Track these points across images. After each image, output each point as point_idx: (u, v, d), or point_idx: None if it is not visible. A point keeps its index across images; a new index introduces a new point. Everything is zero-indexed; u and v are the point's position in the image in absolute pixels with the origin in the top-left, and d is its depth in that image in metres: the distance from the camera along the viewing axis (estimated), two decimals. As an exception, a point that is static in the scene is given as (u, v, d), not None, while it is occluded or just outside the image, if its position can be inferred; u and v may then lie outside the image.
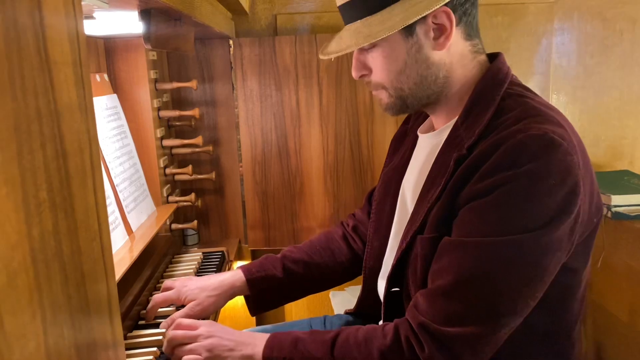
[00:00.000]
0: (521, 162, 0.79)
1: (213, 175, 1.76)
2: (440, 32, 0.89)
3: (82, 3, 0.80)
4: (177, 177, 1.72)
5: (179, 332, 0.97)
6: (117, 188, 1.30)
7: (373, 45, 0.92)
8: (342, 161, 1.81)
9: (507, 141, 0.81)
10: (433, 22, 0.89)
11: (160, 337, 1.06)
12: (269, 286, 1.17)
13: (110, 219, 1.21)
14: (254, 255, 1.97)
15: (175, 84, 1.64)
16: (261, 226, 1.86)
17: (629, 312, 1.85)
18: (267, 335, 0.93)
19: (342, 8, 0.94)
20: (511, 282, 0.79)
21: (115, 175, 1.32)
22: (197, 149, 1.68)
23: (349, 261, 1.24)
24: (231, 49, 1.80)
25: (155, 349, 1.03)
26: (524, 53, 1.95)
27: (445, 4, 0.87)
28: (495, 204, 0.80)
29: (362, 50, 0.95)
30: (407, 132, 1.15)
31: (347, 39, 0.92)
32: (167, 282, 1.20)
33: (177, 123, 1.73)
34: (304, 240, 1.85)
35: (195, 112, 1.66)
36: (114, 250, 1.21)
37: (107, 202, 1.25)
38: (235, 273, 1.18)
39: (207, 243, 1.86)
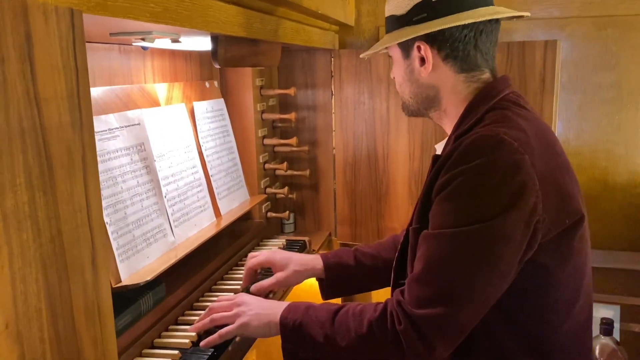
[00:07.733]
0: (470, 158, 0.89)
1: (307, 172, 1.97)
2: (422, 62, 1.06)
3: (159, 37, 1.03)
4: (277, 172, 1.96)
5: (217, 303, 1.15)
6: (211, 178, 1.57)
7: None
8: (427, 168, 1.88)
9: (465, 141, 0.92)
10: (418, 52, 1.06)
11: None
12: (342, 273, 1.34)
13: (200, 202, 1.48)
14: (343, 248, 2.13)
15: (277, 91, 1.87)
16: (349, 222, 2.02)
17: None
18: (287, 303, 1.10)
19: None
20: (465, 268, 0.90)
21: (212, 167, 1.58)
22: (293, 148, 1.91)
23: None
24: (332, 59, 1.98)
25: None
26: (636, 67, 1.83)
27: (428, 42, 1.03)
28: (450, 197, 0.92)
29: None
30: None
31: (377, 45, 1.16)
32: (252, 254, 1.39)
33: (280, 125, 1.97)
34: (387, 239, 1.98)
35: (292, 115, 1.88)
36: (200, 227, 1.47)
37: (199, 189, 1.51)
38: (315, 257, 1.36)
39: (302, 232, 2.08)
